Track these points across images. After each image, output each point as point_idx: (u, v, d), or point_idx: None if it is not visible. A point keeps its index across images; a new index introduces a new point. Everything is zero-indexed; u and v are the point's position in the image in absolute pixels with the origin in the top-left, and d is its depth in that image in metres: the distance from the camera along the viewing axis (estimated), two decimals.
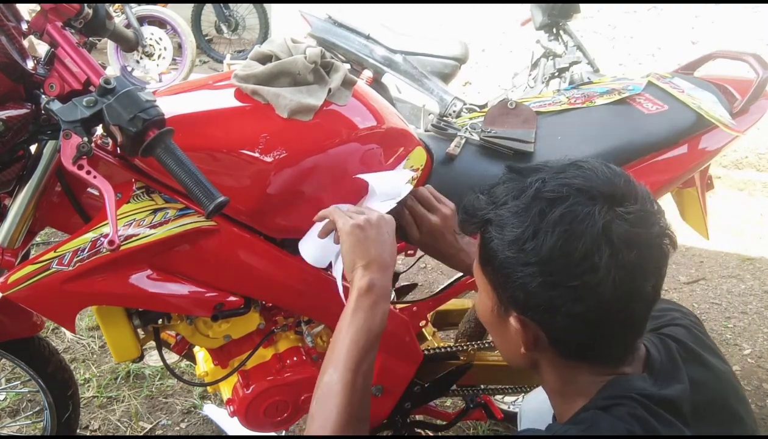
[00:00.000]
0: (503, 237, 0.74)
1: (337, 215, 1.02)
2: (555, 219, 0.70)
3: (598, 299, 0.70)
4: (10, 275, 1.05)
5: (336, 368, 0.90)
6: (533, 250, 0.71)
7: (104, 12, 1.10)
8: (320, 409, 0.88)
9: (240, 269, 1.16)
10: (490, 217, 0.77)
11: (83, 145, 0.93)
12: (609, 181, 0.73)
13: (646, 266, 0.71)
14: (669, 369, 0.80)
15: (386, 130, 1.22)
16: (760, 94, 1.51)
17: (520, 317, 0.76)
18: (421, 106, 3.61)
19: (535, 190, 0.73)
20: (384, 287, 0.96)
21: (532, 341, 0.78)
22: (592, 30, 4.52)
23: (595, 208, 0.70)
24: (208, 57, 6.69)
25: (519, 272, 0.73)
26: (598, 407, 0.75)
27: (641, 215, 0.71)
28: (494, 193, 0.78)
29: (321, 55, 1.17)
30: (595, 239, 0.69)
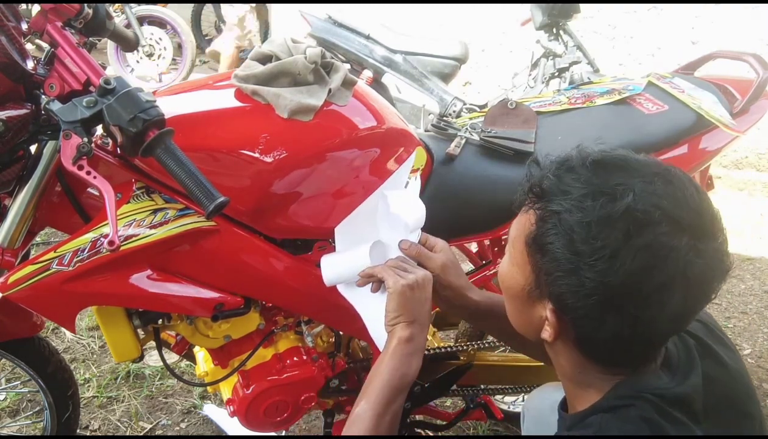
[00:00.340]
0: (573, 241, 0.69)
1: (387, 274, 1.04)
2: (640, 246, 0.66)
3: (654, 327, 0.69)
4: (10, 275, 1.05)
5: (368, 402, 0.96)
6: (605, 270, 0.67)
7: (104, 12, 1.10)
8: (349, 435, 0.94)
9: (240, 269, 1.16)
10: (560, 210, 0.70)
11: (83, 145, 0.93)
12: (698, 210, 0.69)
13: (705, 299, 0.71)
14: (686, 365, 0.79)
15: (386, 130, 1.22)
16: (760, 94, 1.51)
17: (558, 312, 0.74)
18: (421, 106, 3.61)
19: (627, 206, 0.67)
20: (422, 343, 1.02)
21: (560, 334, 0.76)
22: (592, 30, 4.52)
23: (682, 243, 0.66)
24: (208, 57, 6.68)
25: (577, 280, 0.68)
26: (609, 406, 0.74)
27: (718, 255, 0.69)
28: (567, 180, 0.72)
29: (321, 55, 1.17)
30: (673, 277, 0.66)
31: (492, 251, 1.49)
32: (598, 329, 0.71)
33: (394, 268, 1.05)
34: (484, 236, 1.37)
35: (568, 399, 0.84)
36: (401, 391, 0.98)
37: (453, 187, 1.30)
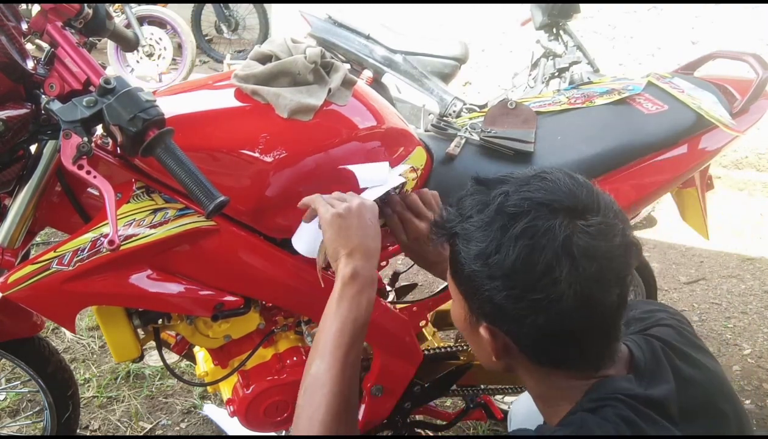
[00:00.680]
0: (469, 250, 0.75)
1: (319, 203, 1.01)
2: (517, 234, 0.72)
3: (561, 310, 0.71)
4: (10, 275, 1.05)
5: (323, 359, 0.90)
6: (497, 264, 0.72)
7: (104, 12, 1.10)
8: (308, 401, 0.88)
9: (240, 269, 1.16)
10: (457, 231, 0.78)
11: (83, 145, 0.93)
12: (571, 194, 0.74)
13: (608, 277, 0.72)
14: (654, 369, 0.80)
15: (386, 130, 1.22)
16: (760, 94, 1.51)
17: (489, 326, 0.78)
18: (421, 106, 3.61)
19: (498, 204, 0.75)
20: (369, 275, 0.96)
21: (502, 349, 0.79)
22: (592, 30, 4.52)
23: (556, 222, 0.71)
24: (208, 57, 6.69)
25: (485, 285, 0.74)
26: (585, 409, 0.76)
27: (602, 228, 0.72)
28: (462, 205, 0.80)
29: (321, 55, 1.17)
30: (556, 253, 0.70)
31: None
32: (523, 327, 0.74)
33: (328, 199, 1.02)
34: None
35: (547, 419, 0.85)
36: (357, 338, 0.92)
37: (453, 187, 1.30)
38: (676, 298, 2.81)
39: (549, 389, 0.82)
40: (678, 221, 1.89)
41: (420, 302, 1.45)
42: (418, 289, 1.88)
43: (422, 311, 1.45)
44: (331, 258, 0.99)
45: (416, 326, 1.46)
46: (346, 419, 0.87)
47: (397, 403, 1.43)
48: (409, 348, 1.37)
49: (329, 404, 0.86)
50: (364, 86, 1.28)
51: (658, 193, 1.52)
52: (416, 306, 1.43)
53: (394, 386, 1.39)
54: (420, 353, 1.39)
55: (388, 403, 1.41)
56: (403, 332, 1.35)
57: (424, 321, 1.51)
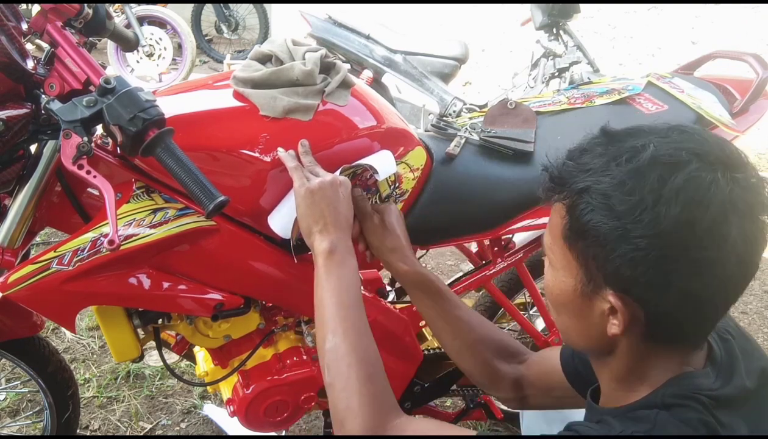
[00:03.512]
0: (611, 206, 0.67)
1: (295, 175, 1.02)
2: (678, 186, 0.64)
3: (721, 273, 0.66)
4: (10, 275, 1.05)
5: (335, 333, 0.89)
6: (652, 220, 0.64)
7: (104, 12, 1.10)
8: (336, 376, 0.87)
9: (240, 269, 1.16)
10: (588, 185, 0.69)
11: (83, 144, 0.93)
12: (721, 147, 0.68)
13: (761, 237, 0.67)
14: (729, 363, 0.77)
15: (386, 130, 1.22)
16: (760, 94, 1.51)
17: (621, 295, 0.70)
18: (421, 106, 3.61)
19: (651, 154, 0.67)
20: (345, 245, 0.97)
21: (629, 322, 0.71)
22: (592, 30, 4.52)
23: (717, 174, 0.65)
24: (208, 57, 6.69)
25: (630, 245, 0.66)
26: (664, 404, 0.71)
27: (756, 182, 0.67)
28: (585, 160, 0.72)
29: (323, 55, 1.17)
30: (723, 208, 0.64)
31: (492, 250, 1.49)
32: (666, 295, 0.67)
33: (303, 169, 1.02)
34: (484, 236, 1.37)
35: (610, 400, 0.80)
36: (358, 305, 0.93)
37: (453, 187, 1.30)
38: None
39: (634, 371, 0.76)
40: None
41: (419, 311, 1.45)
42: None
43: None
44: (305, 234, 1.00)
45: (416, 326, 1.46)
46: (377, 381, 0.87)
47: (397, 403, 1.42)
48: (409, 348, 1.37)
49: (358, 372, 0.85)
50: (364, 86, 1.28)
51: None
52: None
53: (394, 386, 1.36)
54: (420, 353, 1.39)
55: None
56: (403, 332, 1.35)
57: (424, 321, 1.51)
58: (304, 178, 1.01)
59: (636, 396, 0.74)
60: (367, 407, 0.84)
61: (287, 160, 1.05)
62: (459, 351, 1.12)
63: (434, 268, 2.94)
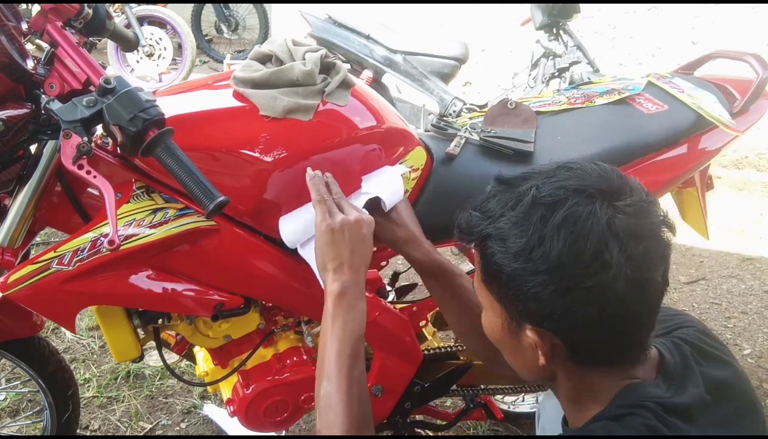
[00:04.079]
0: (507, 249, 0.73)
1: (318, 209, 1.02)
2: (558, 222, 0.70)
3: (614, 296, 0.69)
4: (10, 275, 1.05)
5: (329, 380, 0.93)
6: (541, 257, 0.70)
7: (104, 12, 1.10)
8: (324, 424, 0.91)
9: (240, 269, 1.16)
10: (489, 232, 0.76)
11: (83, 144, 0.93)
12: (602, 178, 0.73)
13: (653, 255, 0.71)
14: (683, 373, 0.79)
15: (386, 129, 1.22)
16: (760, 94, 1.51)
17: (536, 328, 0.75)
18: (421, 106, 3.61)
19: (532, 197, 0.73)
20: (357, 287, 0.98)
21: (550, 351, 0.77)
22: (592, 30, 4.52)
23: (595, 206, 0.70)
24: (208, 57, 6.69)
25: (530, 283, 0.71)
26: (612, 415, 0.74)
27: (640, 206, 0.72)
28: (487, 207, 0.78)
29: (323, 55, 1.17)
30: (602, 236, 0.68)
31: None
32: (573, 323, 0.72)
33: (328, 203, 1.03)
34: None
35: (571, 421, 0.84)
36: (357, 351, 0.95)
37: (453, 186, 1.30)
38: (676, 298, 2.81)
39: (582, 391, 0.80)
40: (678, 220, 1.88)
41: (420, 302, 1.45)
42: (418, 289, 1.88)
43: (422, 311, 1.45)
44: (319, 268, 1.01)
45: (416, 326, 1.46)
46: (362, 432, 0.90)
47: (397, 403, 1.43)
48: (409, 348, 1.37)
49: (343, 423, 0.89)
50: (364, 86, 1.28)
51: (658, 193, 1.52)
52: (416, 306, 1.43)
53: (394, 386, 1.39)
54: (420, 353, 1.39)
55: (388, 403, 1.41)
56: (403, 332, 1.35)
57: (424, 321, 1.51)
58: (327, 214, 1.01)
59: (590, 414, 0.78)
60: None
61: (313, 192, 1.05)
62: (466, 333, 1.17)
63: None
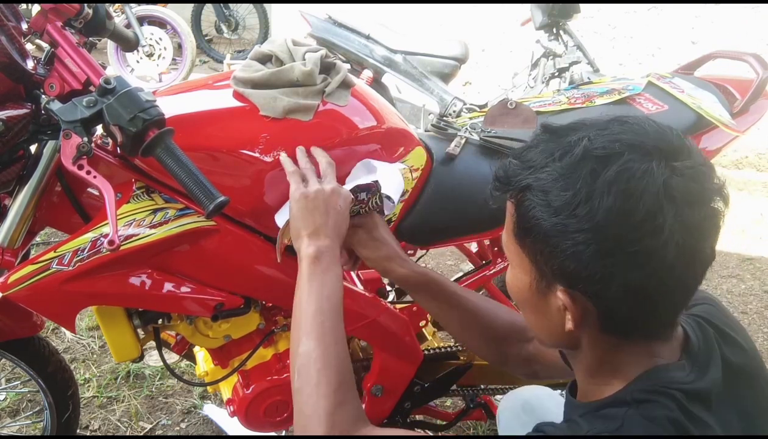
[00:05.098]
0: (549, 203, 0.67)
1: (292, 179, 1.02)
2: (610, 178, 0.64)
3: (660, 264, 0.65)
4: (10, 275, 1.05)
5: (309, 337, 0.89)
6: (587, 214, 0.64)
7: (104, 12, 1.10)
8: (305, 381, 0.86)
9: (240, 269, 1.16)
10: (529, 183, 0.69)
11: (83, 145, 0.93)
12: (660, 135, 0.68)
13: (707, 224, 0.66)
14: (706, 355, 0.76)
15: (386, 129, 1.22)
16: (760, 94, 1.51)
17: (569, 290, 0.70)
18: (421, 106, 3.61)
19: (584, 148, 0.66)
20: (332, 254, 0.97)
21: (583, 314, 0.71)
22: (592, 30, 4.52)
23: (652, 164, 0.64)
24: (208, 57, 6.69)
25: (569, 240, 0.66)
26: (634, 399, 0.70)
27: (699, 170, 0.66)
28: (528, 157, 0.71)
29: (323, 55, 1.17)
30: (657, 198, 0.63)
31: (492, 250, 1.49)
32: (610, 287, 0.66)
33: (302, 173, 1.02)
34: (484, 236, 1.37)
35: (583, 392, 0.80)
36: (336, 313, 0.92)
37: (453, 186, 1.30)
38: None
39: (605, 364, 0.75)
40: None
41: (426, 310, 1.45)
42: None
43: (422, 310, 1.45)
44: (294, 236, 1.00)
45: (416, 326, 1.46)
46: (347, 390, 0.86)
47: (397, 403, 1.43)
48: (409, 348, 1.37)
49: (328, 379, 0.85)
50: (364, 86, 1.28)
51: None
52: (416, 306, 1.43)
53: (394, 386, 1.39)
54: (420, 353, 1.39)
55: (388, 403, 1.41)
56: (403, 332, 1.35)
57: (424, 321, 1.51)
58: (300, 183, 1.01)
59: (610, 390, 0.74)
60: (334, 414, 0.83)
61: (286, 165, 1.05)
62: (471, 339, 1.15)
63: (434, 268, 2.94)
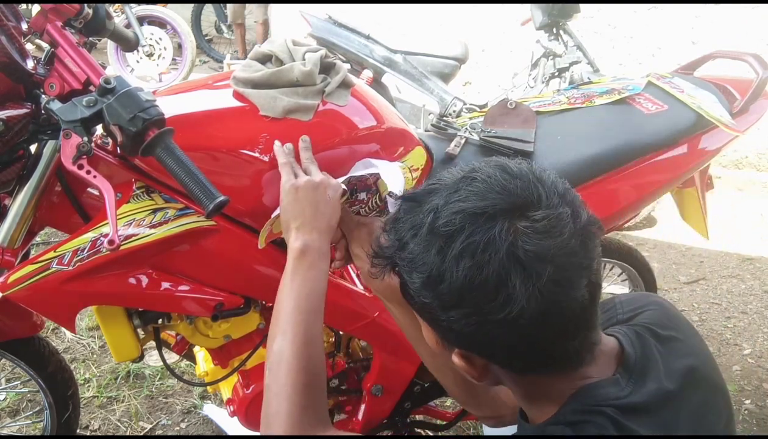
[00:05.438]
0: (414, 282, 0.69)
1: (284, 170, 1.02)
2: (456, 255, 0.65)
3: (528, 322, 0.64)
4: (10, 275, 1.05)
5: (284, 336, 0.89)
6: (448, 292, 0.66)
7: (104, 12, 1.10)
8: (274, 379, 0.87)
9: (240, 269, 1.16)
10: (397, 262, 0.72)
11: (83, 144, 0.93)
12: (505, 191, 0.67)
13: (568, 274, 0.65)
14: (643, 365, 0.75)
15: (386, 129, 1.22)
16: (760, 94, 1.51)
17: (462, 352, 0.73)
18: (421, 106, 3.61)
19: (429, 225, 0.68)
20: (319, 248, 0.96)
21: (483, 371, 0.74)
22: (592, 30, 4.51)
23: (494, 231, 0.64)
24: (208, 57, 6.69)
25: (443, 316, 0.68)
26: (566, 421, 0.71)
27: (548, 222, 0.65)
28: (398, 229, 0.73)
29: (323, 55, 1.17)
30: (503, 266, 0.63)
31: None
32: (495, 347, 0.68)
33: (294, 166, 1.02)
34: None
35: (530, 416, 0.80)
36: (315, 312, 0.92)
37: None
38: (676, 298, 2.81)
39: (534, 395, 0.77)
40: (678, 220, 1.89)
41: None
42: None
43: None
44: (283, 228, 1.00)
45: None
46: (313, 392, 0.87)
47: (397, 403, 1.43)
48: (409, 348, 1.36)
49: (295, 380, 0.86)
50: (364, 86, 1.28)
51: (658, 193, 1.52)
52: None
53: (394, 386, 1.39)
54: None
55: (388, 403, 1.41)
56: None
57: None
58: (292, 175, 1.01)
59: (548, 414, 0.74)
60: (296, 416, 0.84)
61: (279, 156, 1.06)
62: (439, 368, 1.09)
63: None
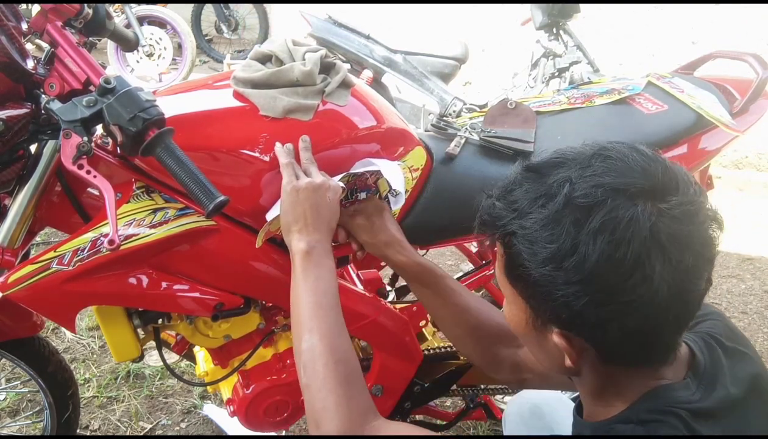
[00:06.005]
0: (535, 253, 0.66)
1: (286, 171, 1.02)
2: (595, 228, 0.62)
3: (654, 307, 0.64)
4: (10, 275, 1.05)
5: (312, 334, 0.89)
6: (575, 266, 0.63)
7: (104, 12, 1.10)
8: (312, 376, 0.86)
9: (240, 269, 1.16)
10: (515, 229, 0.68)
11: (83, 144, 0.93)
12: (646, 173, 0.65)
13: (698, 262, 0.65)
14: (712, 373, 0.75)
15: (386, 129, 1.22)
16: (759, 94, 1.51)
17: (564, 332, 0.69)
18: (421, 106, 3.61)
19: (565, 197, 0.65)
20: (323, 248, 0.98)
21: (579, 354, 0.71)
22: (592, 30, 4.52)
23: (637, 209, 0.62)
24: (208, 57, 6.69)
25: (560, 291, 0.65)
26: (639, 420, 0.69)
27: (687, 208, 0.64)
28: (513, 198, 0.70)
29: (323, 55, 1.17)
30: (645, 246, 0.62)
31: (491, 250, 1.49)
32: (607, 332, 0.66)
33: (295, 167, 1.03)
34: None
35: (588, 412, 0.79)
36: (335, 306, 0.93)
37: (452, 186, 1.30)
38: None
39: (608, 388, 0.74)
40: None
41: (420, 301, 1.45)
42: None
43: (422, 311, 1.45)
44: (284, 230, 1.00)
45: (416, 326, 1.46)
46: (355, 382, 0.86)
47: (397, 403, 1.43)
48: (409, 348, 1.37)
49: (335, 372, 0.85)
50: (364, 86, 1.28)
51: None
52: (416, 306, 1.43)
53: (394, 386, 1.39)
54: (420, 353, 1.39)
55: (388, 403, 1.41)
56: (403, 332, 1.35)
57: (424, 321, 1.51)
58: (294, 176, 1.02)
59: (614, 411, 0.73)
60: (344, 407, 0.83)
61: (281, 156, 1.06)
62: (460, 337, 1.13)
63: None
